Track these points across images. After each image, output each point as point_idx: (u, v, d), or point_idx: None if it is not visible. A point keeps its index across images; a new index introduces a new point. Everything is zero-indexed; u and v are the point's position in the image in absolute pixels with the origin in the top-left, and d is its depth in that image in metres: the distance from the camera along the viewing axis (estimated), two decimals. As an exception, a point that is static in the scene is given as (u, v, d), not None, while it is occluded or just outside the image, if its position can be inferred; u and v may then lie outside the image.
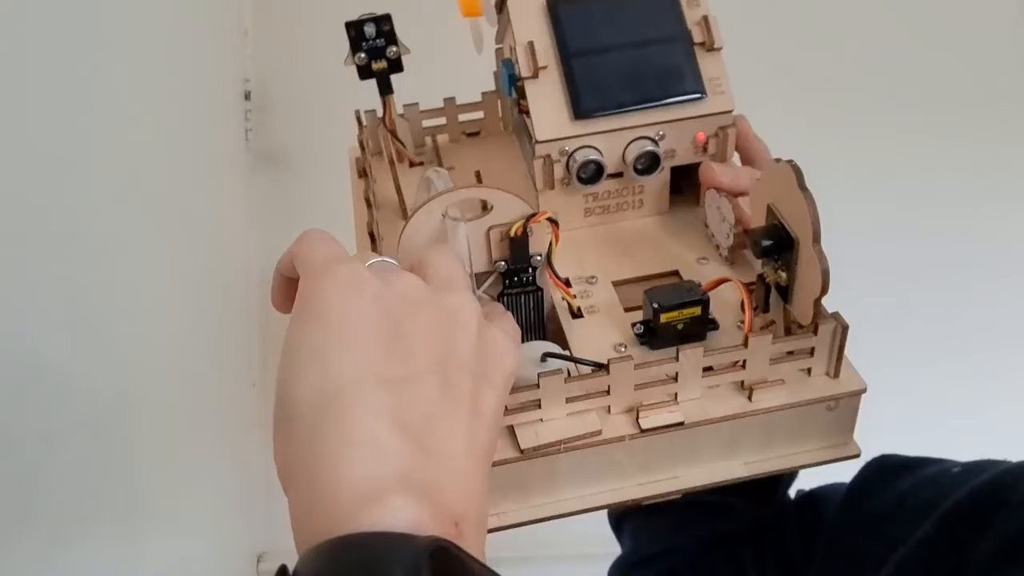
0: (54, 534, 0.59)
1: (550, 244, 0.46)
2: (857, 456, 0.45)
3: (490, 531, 0.39)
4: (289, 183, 1.10)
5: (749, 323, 0.42)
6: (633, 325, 0.46)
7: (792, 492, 0.58)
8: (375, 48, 0.60)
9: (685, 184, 0.56)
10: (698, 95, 0.52)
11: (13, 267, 0.51)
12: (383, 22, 0.59)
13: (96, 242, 0.63)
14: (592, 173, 0.52)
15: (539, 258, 0.46)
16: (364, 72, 0.60)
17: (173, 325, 0.83)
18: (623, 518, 0.62)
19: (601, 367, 0.41)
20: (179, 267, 0.86)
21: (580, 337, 0.47)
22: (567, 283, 0.49)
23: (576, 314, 0.49)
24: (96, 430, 0.65)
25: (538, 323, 0.49)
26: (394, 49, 0.60)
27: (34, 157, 0.53)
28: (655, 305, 0.44)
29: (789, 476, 0.57)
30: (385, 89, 0.61)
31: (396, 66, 0.61)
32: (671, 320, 0.44)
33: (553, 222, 0.46)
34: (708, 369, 0.42)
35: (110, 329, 0.67)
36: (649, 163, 0.53)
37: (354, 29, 0.59)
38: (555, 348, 0.44)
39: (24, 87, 0.52)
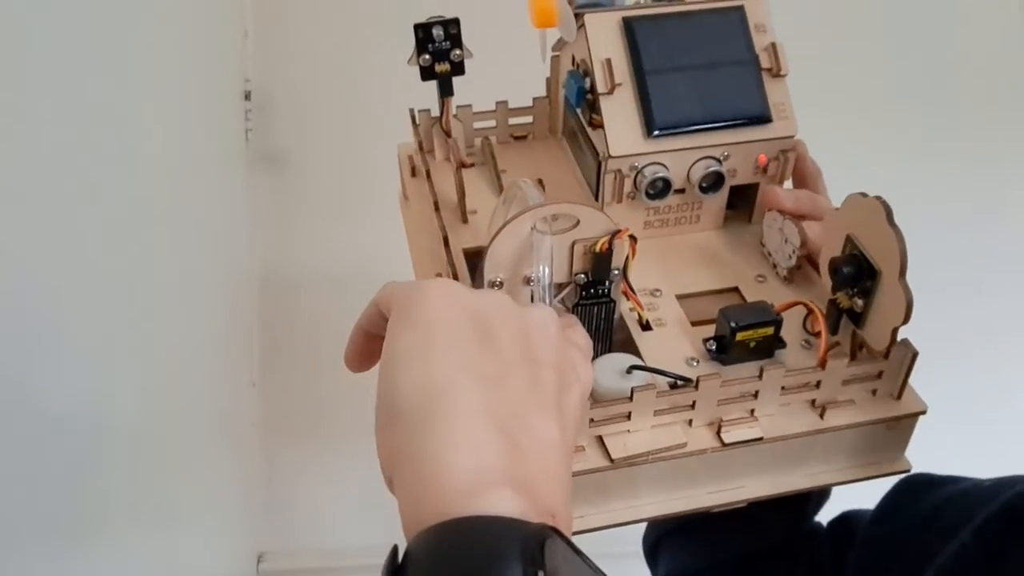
0: (54, 535, 0.59)
1: (627, 259, 0.48)
2: (909, 471, 0.48)
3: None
4: (289, 183, 1.11)
5: (825, 347, 0.45)
6: (705, 341, 0.48)
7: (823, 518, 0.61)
8: (440, 51, 0.60)
9: (739, 201, 0.58)
10: (765, 119, 0.54)
11: (12, 268, 0.51)
12: (451, 25, 0.60)
13: (95, 242, 0.64)
14: (660, 189, 0.54)
15: (616, 272, 0.48)
16: (427, 73, 0.61)
17: (173, 324, 0.83)
18: (658, 543, 0.64)
19: (689, 382, 0.43)
20: (179, 267, 0.86)
21: (651, 349, 0.49)
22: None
23: (645, 327, 0.51)
24: (96, 431, 0.65)
25: (607, 334, 0.51)
26: (458, 52, 0.61)
27: (34, 157, 0.54)
28: (732, 324, 0.46)
29: (820, 495, 0.59)
30: (446, 91, 0.62)
31: (458, 69, 0.61)
32: (746, 338, 0.47)
33: (633, 238, 0.47)
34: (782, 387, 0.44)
35: (109, 329, 0.67)
36: (714, 182, 0.55)
37: (422, 31, 0.60)
38: (637, 360, 0.46)
39: (23, 87, 0.52)
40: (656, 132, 0.53)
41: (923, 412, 0.46)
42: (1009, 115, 1.17)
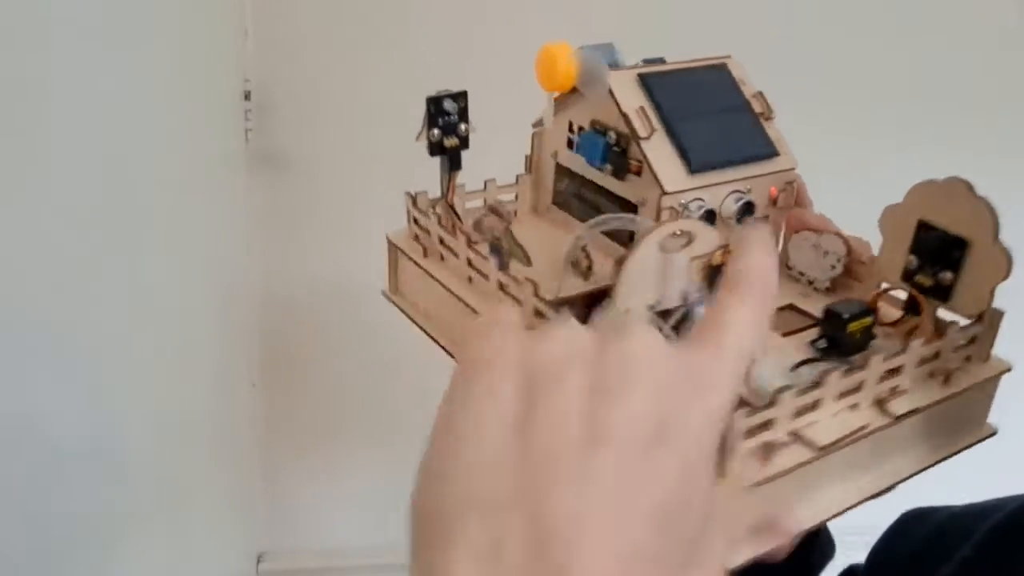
0: (54, 535, 0.59)
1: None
2: (995, 433, 0.53)
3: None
4: (289, 183, 1.08)
5: (929, 323, 0.49)
6: (813, 342, 0.50)
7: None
8: (449, 124, 0.60)
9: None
10: (773, 154, 0.60)
11: (11, 268, 0.51)
12: (460, 98, 0.60)
13: (95, 242, 0.62)
14: (709, 219, 0.57)
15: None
16: (436, 148, 0.60)
17: (172, 325, 0.82)
18: None
19: (852, 364, 0.45)
20: (178, 267, 0.84)
21: (761, 363, 0.50)
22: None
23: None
24: (96, 431, 0.64)
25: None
26: (465, 126, 0.60)
27: (33, 157, 0.53)
28: (846, 316, 0.49)
29: (823, 551, 0.58)
30: (455, 165, 0.61)
31: (465, 143, 0.61)
32: (855, 329, 0.49)
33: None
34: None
35: (109, 330, 0.66)
36: (745, 211, 0.59)
37: (434, 105, 0.59)
38: (789, 361, 0.47)
39: (22, 87, 0.51)
40: (697, 169, 0.56)
41: (1009, 369, 0.51)
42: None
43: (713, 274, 0.48)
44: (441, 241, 0.60)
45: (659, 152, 0.56)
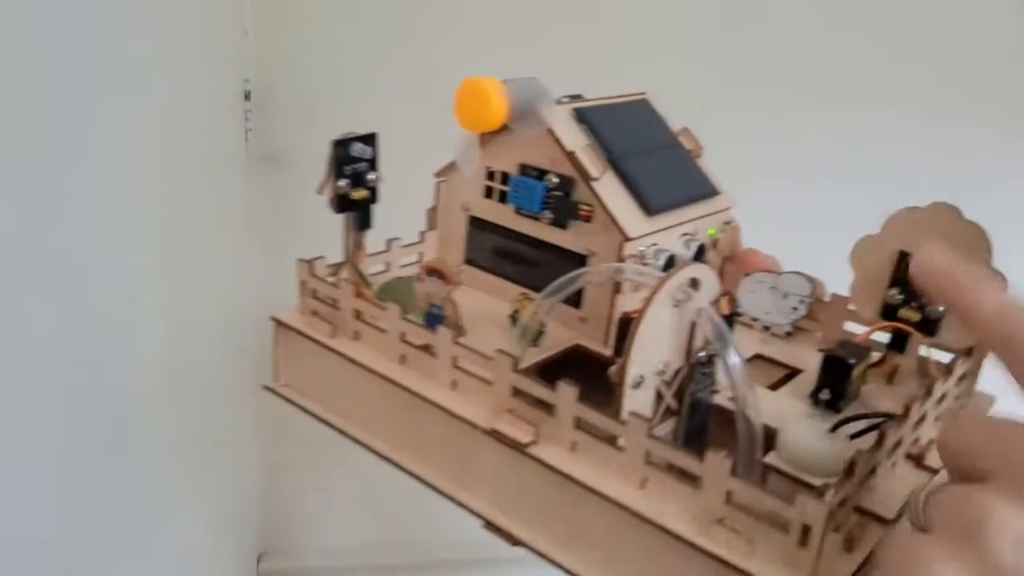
0: (56, 535, 0.60)
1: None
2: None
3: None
4: (289, 183, 1.03)
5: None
6: (815, 393, 0.45)
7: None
8: (357, 174, 0.49)
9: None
10: (714, 193, 0.55)
11: (11, 268, 0.51)
12: (369, 141, 0.50)
13: (94, 242, 0.63)
14: (671, 266, 0.51)
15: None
16: (343, 203, 0.49)
17: (172, 326, 0.81)
18: None
19: (889, 416, 0.40)
20: (178, 267, 0.83)
21: (768, 419, 0.44)
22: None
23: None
24: (95, 431, 0.64)
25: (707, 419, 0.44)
26: (375, 175, 0.50)
27: (32, 157, 0.53)
28: (851, 360, 0.44)
29: None
30: (364, 222, 0.51)
31: (375, 196, 0.51)
32: (858, 375, 0.45)
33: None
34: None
35: (108, 330, 0.66)
36: (698, 256, 0.53)
37: (341, 149, 0.48)
38: (822, 421, 0.41)
39: (22, 87, 0.51)
40: (655, 210, 0.50)
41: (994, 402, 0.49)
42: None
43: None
44: (358, 314, 0.49)
45: (612, 194, 0.49)
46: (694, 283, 0.40)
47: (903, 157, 1.05)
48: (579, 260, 0.51)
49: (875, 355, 0.49)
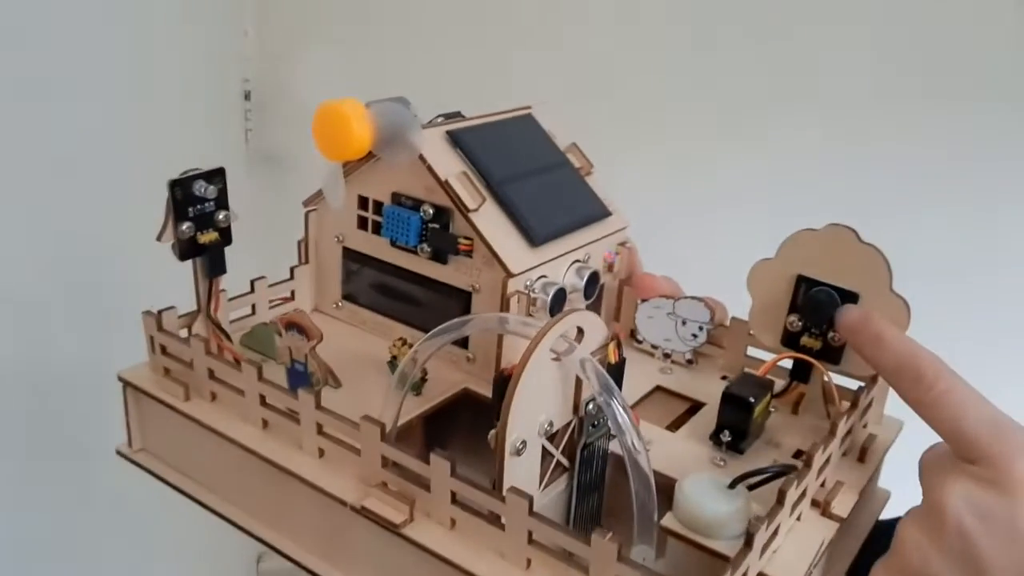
0: (53, 535, 0.60)
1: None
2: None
3: None
4: (289, 183, 1.02)
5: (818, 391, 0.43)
6: (716, 435, 0.42)
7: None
8: (203, 215, 0.44)
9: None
10: (606, 214, 0.52)
11: (10, 268, 0.50)
12: (215, 178, 0.44)
13: (94, 242, 0.62)
14: (560, 299, 0.47)
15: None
16: (189, 249, 0.43)
17: None
18: None
19: (793, 468, 0.36)
20: (177, 267, 0.74)
21: (667, 467, 0.40)
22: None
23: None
24: (96, 430, 0.62)
25: (603, 469, 0.41)
26: (225, 214, 0.45)
27: (32, 157, 0.52)
28: (751, 399, 0.41)
29: None
30: (217, 268, 0.45)
31: (227, 237, 0.45)
32: (760, 412, 0.42)
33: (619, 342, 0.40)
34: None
35: (108, 329, 0.64)
36: (591, 284, 0.50)
37: (180, 189, 0.42)
38: (722, 476, 0.37)
39: (21, 87, 0.50)
40: (540, 241, 0.46)
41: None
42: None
43: (613, 373, 0.38)
44: (211, 374, 0.43)
45: (493, 226, 0.45)
46: (579, 331, 0.36)
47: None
48: (463, 296, 0.47)
49: (779, 383, 0.46)
